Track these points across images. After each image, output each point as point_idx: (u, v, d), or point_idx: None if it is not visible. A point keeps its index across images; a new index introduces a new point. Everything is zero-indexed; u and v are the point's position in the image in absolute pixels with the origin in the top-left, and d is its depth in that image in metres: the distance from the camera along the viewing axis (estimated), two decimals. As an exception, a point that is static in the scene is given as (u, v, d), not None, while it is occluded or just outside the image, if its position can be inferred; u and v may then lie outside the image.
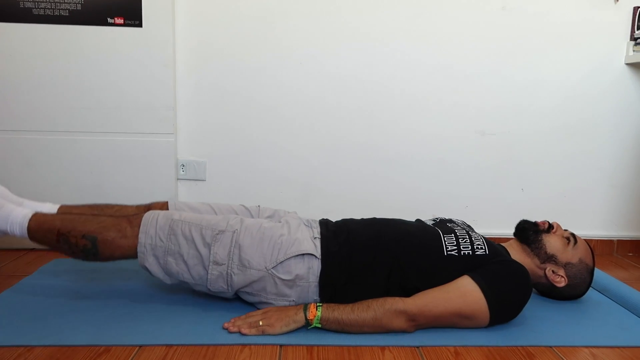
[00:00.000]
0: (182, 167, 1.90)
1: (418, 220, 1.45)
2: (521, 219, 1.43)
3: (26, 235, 1.25)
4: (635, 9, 1.87)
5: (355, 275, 1.24)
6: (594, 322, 1.31)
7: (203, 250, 1.22)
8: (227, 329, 1.18)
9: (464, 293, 1.17)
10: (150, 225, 1.24)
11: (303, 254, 1.23)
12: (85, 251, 1.23)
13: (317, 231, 1.31)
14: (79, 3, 1.71)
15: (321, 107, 1.89)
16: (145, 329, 1.18)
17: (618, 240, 2.03)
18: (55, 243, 1.24)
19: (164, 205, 1.46)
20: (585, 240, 1.41)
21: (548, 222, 1.40)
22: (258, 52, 1.85)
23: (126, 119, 1.80)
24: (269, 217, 1.47)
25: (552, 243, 1.35)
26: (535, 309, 1.37)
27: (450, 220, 1.46)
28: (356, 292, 1.23)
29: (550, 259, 1.34)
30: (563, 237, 1.37)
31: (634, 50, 1.88)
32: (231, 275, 1.22)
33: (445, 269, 1.22)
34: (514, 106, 1.92)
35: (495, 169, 1.96)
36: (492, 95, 1.91)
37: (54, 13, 1.72)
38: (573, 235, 1.38)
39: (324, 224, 1.37)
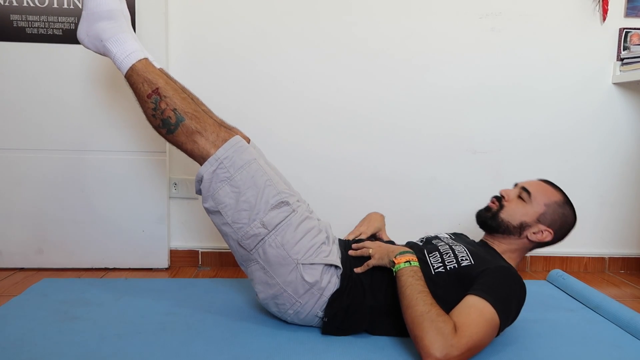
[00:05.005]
0: (174, 185, 1.89)
1: (408, 243, 1.45)
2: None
3: (127, 69, 1.27)
4: (621, 30, 1.91)
5: (356, 296, 1.25)
6: (587, 341, 1.31)
7: (260, 205, 1.23)
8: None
9: (481, 311, 1.11)
10: (233, 149, 1.25)
11: (331, 265, 1.25)
12: (165, 122, 1.25)
13: (337, 248, 1.33)
14: (72, 22, 1.72)
15: (313, 126, 1.90)
16: (135, 351, 1.16)
17: (610, 257, 2.04)
18: (145, 96, 1.26)
19: (246, 139, 1.38)
20: (538, 180, 1.40)
21: (495, 197, 1.40)
22: (251, 68, 1.86)
23: (118, 137, 1.79)
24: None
25: (511, 214, 1.35)
26: (529, 326, 1.36)
27: (436, 237, 1.45)
28: (356, 314, 1.25)
29: (522, 227, 1.34)
30: (517, 198, 1.36)
31: (620, 70, 1.92)
32: (266, 243, 1.23)
33: (438, 286, 1.21)
34: (504, 125, 1.94)
35: (486, 187, 1.96)
36: (482, 115, 1.93)
37: (47, 32, 1.73)
38: (524, 188, 1.36)
39: (342, 243, 1.39)
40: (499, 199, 1.40)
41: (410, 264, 1.20)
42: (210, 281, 1.72)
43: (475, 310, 1.10)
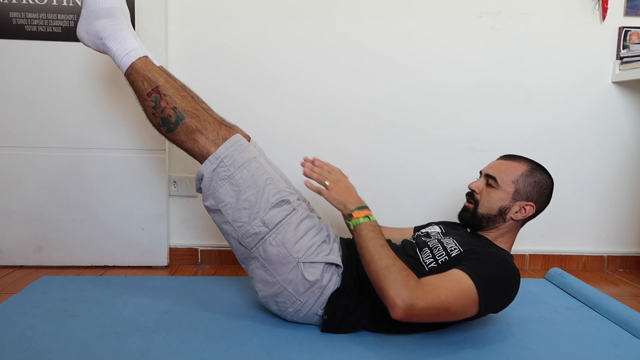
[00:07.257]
0: (173, 183, 1.89)
1: (403, 241, 1.44)
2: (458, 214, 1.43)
3: (126, 67, 1.27)
4: (621, 29, 1.92)
5: (355, 294, 1.26)
6: (586, 339, 1.31)
7: (261, 204, 1.23)
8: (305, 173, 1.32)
9: (458, 279, 1.11)
10: (234, 147, 1.25)
11: (332, 264, 1.26)
12: (165, 120, 1.25)
13: (337, 246, 1.33)
14: (71, 20, 1.72)
15: (313, 123, 1.90)
16: (134, 349, 1.16)
17: (608, 256, 2.04)
18: (145, 94, 1.26)
19: (246, 137, 1.39)
20: (498, 159, 1.40)
21: (468, 194, 1.39)
22: (251, 65, 1.86)
23: (117, 135, 1.79)
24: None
25: (487, 206, 1.33)
26: (528, 324, 1.37)
27: (426, 234, 1.45)
28: (356, 312, 1.25)
29: (502, 212, 1.32)
30: (487, 187, 1.35)
31: (620, 69, 1.92)
32: (267, 242, 1.23)
33: None
34: (503, 123, 1.95)
35: (486, 186, 1.97)
36: (481, 113, 1.93)
37: (46, 30, 1.72)
38: (488, 175, 1.35)
39: (344, 242, 1.39)
40: (471, 195, 1.38)
41: (369, 218, 1.21)
42: (210, 279, 1.72)
43: (453, 279, 1.12)
